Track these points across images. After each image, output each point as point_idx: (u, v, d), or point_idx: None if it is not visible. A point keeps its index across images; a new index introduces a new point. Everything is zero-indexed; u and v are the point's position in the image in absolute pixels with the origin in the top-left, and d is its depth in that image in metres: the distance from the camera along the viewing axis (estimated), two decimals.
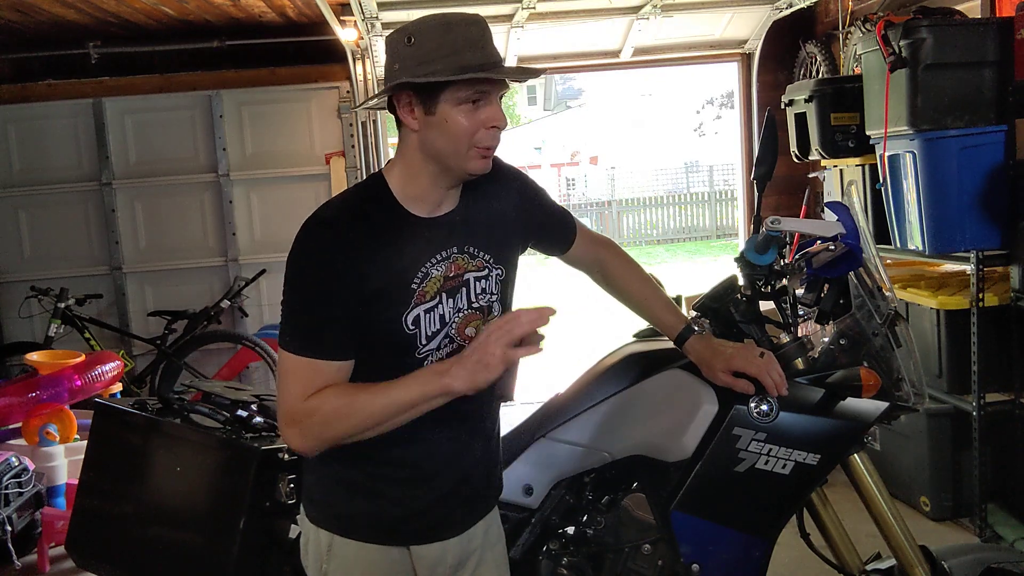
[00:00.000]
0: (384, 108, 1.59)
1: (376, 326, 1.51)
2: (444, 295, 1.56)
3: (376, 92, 1.55)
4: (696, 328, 1.87)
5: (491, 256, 1.63)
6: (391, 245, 1.52)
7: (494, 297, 1.64)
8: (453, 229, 1.59)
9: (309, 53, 5.68)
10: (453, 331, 1.58)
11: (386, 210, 1.55)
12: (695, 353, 1.84)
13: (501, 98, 1.53)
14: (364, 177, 5.57)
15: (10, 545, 3.58)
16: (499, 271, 1.64)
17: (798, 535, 2.00)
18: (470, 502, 1.68)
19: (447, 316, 1.57)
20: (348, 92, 5.63)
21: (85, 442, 2.47)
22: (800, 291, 1.97)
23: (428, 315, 1.55)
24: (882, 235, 3.81)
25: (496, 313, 1.64)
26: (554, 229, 1.85)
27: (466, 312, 1.60)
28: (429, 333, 1.55)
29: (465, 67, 1.45)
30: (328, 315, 1.48)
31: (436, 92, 1.47)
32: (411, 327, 1.53)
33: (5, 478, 3.61)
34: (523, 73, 1.57)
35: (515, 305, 1.71)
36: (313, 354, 1.48)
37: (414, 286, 1.53)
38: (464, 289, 1.59)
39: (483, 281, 1.62)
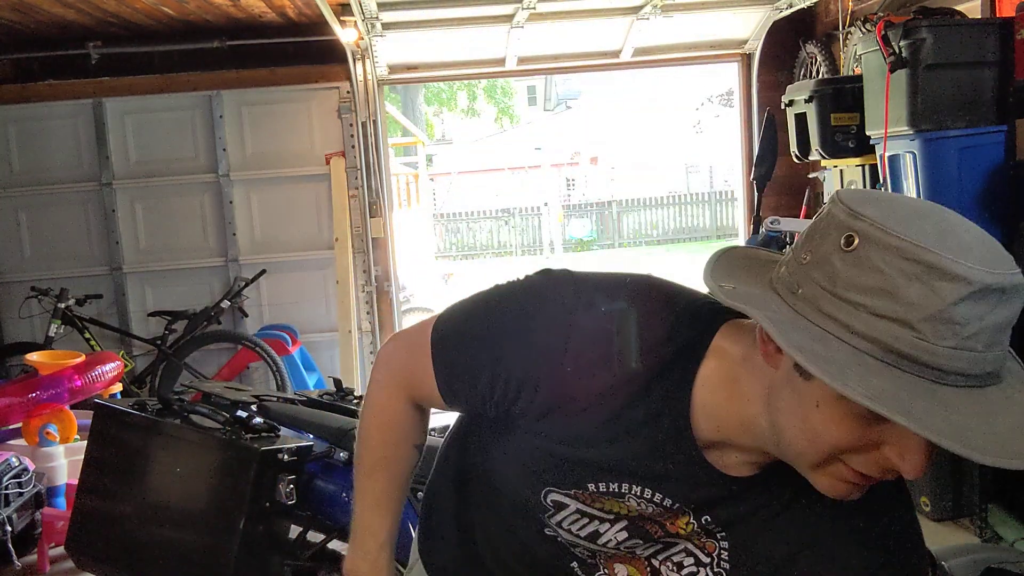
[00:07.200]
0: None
1: (510, 464, 1.15)
2: (620, 520, 1.11)
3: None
4: None
5: (713, 560, 1.08)
6: (616, 431, 1.03)
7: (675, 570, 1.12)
8: (705, 495, 1.04)
9: (309, 53, 5.68)
10: (600, 547, 1.15)
11: (661, 401, 1.01)
12: None
13: None
14: (363, 179, 5.58)
15: (10, 545, 3.57)
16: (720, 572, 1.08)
17: None
18: None
19: (608, 540, 1.13)
20: (348, 92, 5.63)
21: (85, 442, 2.48)
22: None
23: (579, 516, 1.12)
24: None
25: None
26: None
27: (624, 549, 1.13)
28: (567, 520, 1.13)
29: (902, 354, 0.78)
30: (476, 376, 1.10)
31: None
32: (548, 504, 1.12)
33: (5, 478, 3.60)
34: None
35: None
36: (438, 374, 1.15)
37: (591, 488, 1.07)
38: (646, 538, 1.11)
39: (680, 555, 1.11)
